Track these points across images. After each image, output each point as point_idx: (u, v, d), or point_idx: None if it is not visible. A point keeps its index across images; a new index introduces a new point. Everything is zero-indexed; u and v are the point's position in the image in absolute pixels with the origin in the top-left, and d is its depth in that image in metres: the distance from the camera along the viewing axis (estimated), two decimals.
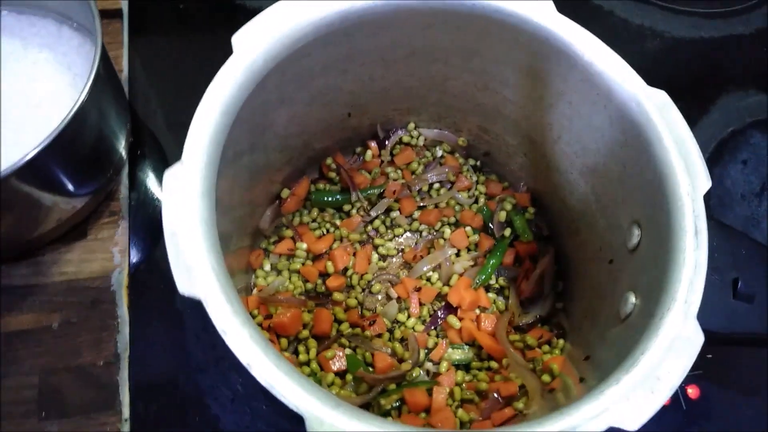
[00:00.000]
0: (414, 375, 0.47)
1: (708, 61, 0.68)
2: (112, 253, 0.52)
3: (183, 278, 0.30)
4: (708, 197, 0.60)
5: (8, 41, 0.54)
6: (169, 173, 0.32)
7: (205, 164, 0.33)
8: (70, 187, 0.49)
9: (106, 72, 0.48)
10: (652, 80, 0.65)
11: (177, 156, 0.33)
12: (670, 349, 0.32)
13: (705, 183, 0.37)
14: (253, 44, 0.37)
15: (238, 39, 0.37)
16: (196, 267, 0.31)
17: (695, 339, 0.33)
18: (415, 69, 0.47)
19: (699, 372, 0.52)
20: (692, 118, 0.64)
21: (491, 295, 0.52)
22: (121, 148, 0.54)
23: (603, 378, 0.33)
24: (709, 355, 0.53)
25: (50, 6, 0.54)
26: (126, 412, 0.47)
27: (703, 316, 0.36)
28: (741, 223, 0.60)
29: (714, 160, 0.63)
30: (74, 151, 0.47)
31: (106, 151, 0.51)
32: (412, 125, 0.55)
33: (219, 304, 0.30)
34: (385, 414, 0.45)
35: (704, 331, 0.35)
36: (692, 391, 0.51)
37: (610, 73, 0.40)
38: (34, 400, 0.47)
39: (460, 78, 0.48)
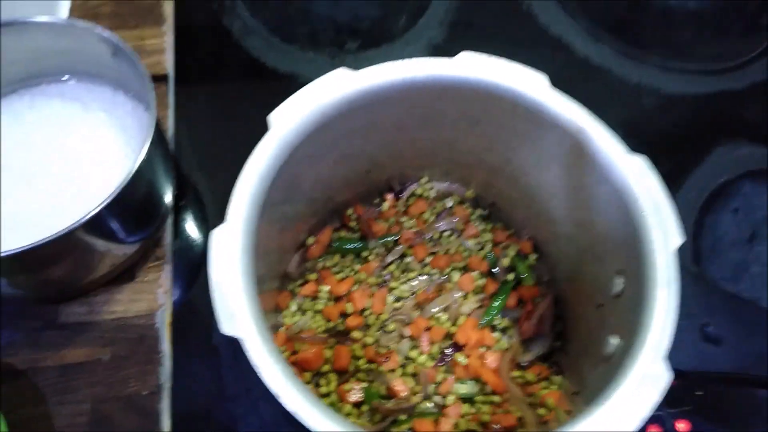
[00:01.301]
0: (423, 407, 0.52)
1: (702, 116, 0.73)
2: (156, 294, 0.59)
3: (226, 321, 0.36)
4: (700, 244, 0.65)
5: (70, 105, 0.61)
6: (216, 232, 0.39)
7: (245, 223, 0.40)
8: (123, 236, 0.56)
9: (157, 137, 0.55)
10: (648, 135, 0.71)
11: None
12: (641, 386, 0.37)
13: (677, 239, 0.42)
14: (286, 121, 0.43)
15: (274, 116, 0.44)
16: (237, 312, 0.37)
17: (664, 377, 0.38)
18: (426, 133, 0.53)
19: (688, 408, 0.56)
20: (687, 170, 0.69)
21: (496, 334, 0.57)
22: (167, 200, 0.61)
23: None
24: (700, 393, 0.57)
25: (106, 74, 0.61)
26: None
27: (674, 357, 0.41)
28: (731, 268, 0.64)
29: (706, 208, 0.67)
30: (129, 206, 0.53)
31: (154, 205, 0.58)
32: (424, 179, 0.61)
33: (255, 343, 0.36)
34: None
35: (675, 370, 0.40)
36: (683, 426, 0.55)
37: (596, 141, 0.45)
38: (86, 424, 0.53)
39: (466, 141, 0.54)
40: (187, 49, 0.72)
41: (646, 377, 0.38)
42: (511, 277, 0.59)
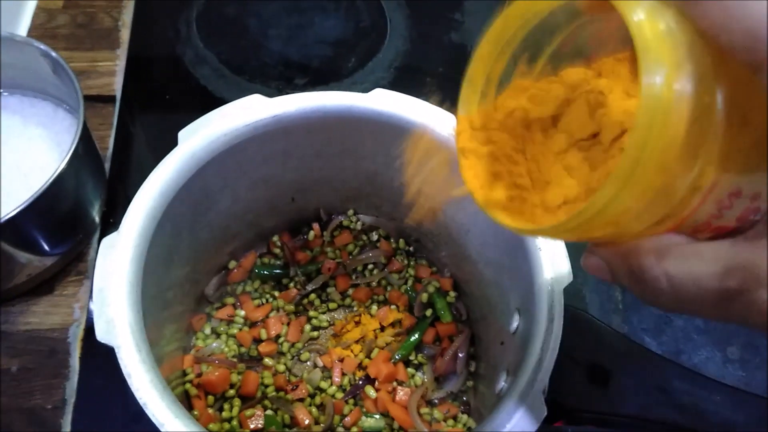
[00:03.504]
0: None
1: None
2: (73, 308, 0.59)
3: (102, 327, 0.37)
4: (623, 295, 0.66)
5: (10, 118, 0.63)
6: (106, 239, 0.39)
7: (138, 235, 0.40)
8: (44, 246, 0.56)
9: (85, 148, 0.56)
10: None
11: None
12: (515, 420, 0.37)
13: (566, 278, 0.43)
14: (195, 139, 0.44)
15: (184, 134, 0.45)
16: (115, 319, 0.37)
17: (539, 412, 0.38)
18: (347, 164, 0.55)
19: None
20: None
21: (410, 370, 0.57)
22: (95, 214, 0.61)
23: None
24: None
25: (49, 90, 0.63)
26: None
27: (559, 395, 0.41)
28: (653, 320, 0.65)
29: None
30: (50, 214, 0.54)
31: (79, 217, 0.59)
32: (351, 211, 0.62)
33: (129, 352, 0.36)
34: None
35: (557, 406, 0.41)
36: None
37: None
38: None
39: (386, 174, 0.55)
40: (138, 74, 0.74)
41: (523, 412, 0.38)
42: (429, 313, 0.59)
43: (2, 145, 0.60)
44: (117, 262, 0.39)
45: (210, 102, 0.73)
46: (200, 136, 0.44)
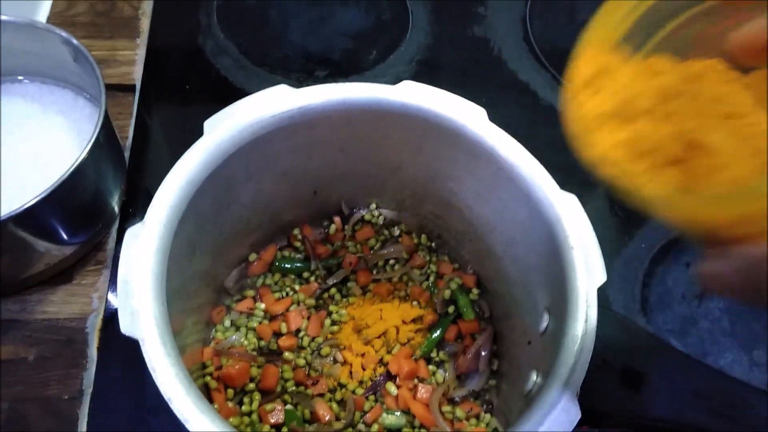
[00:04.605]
0: None
1: None
2: (91, 298, 0.58)
3: (127, 320, 0.36)
4: (649, 294, 0.65)
5: (30, 105, 0.62)
6: (131, 230, 0.39)
7: (163, 226, 0.40)
8: (63, 235, 0.55)
9: (106, 138, 0.55)
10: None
11: None
12: (548, 422, 0.36)
13: (600, 278, 0.42)
14: (221, 129, 0.44)
15: (210, 124, 0.44)
16: (140, 312, 0.36)
17: (572, 415, 0.37)
18: (371, 158, 0.54)
19: None
20: (640, 219, 0.70)
21: (432, 367, 0.56)
22: (114, 204, 0.60)
23: None
24: None
25: (69, 78, 0.62)
26: None
27: (590, 398, 0.40)
28: (678, 321, 0.64)
29: (658, 260, 0.67)
30: (69, 203, 0.53)
31: (99, 207, 0.58)
32: (373, 205, 0.61)
33: (154, 345, 0.36)
34: None
35: (589, 410, 0.40)
36: None
37: (529, 176, 0.46)
38: (2, 423, 0.51)
39: (411, 169, 0.54)
40: (158, 63, 0.73)
41: (555, 415, 0.37)
42: (451, 310, 0.58)
43: (21, 132, 0.60)
44: (141, 253, 0.38)
45: (230, 93, 0.72)
46: (226, 126, 0.43)
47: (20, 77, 0.64)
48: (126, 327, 0.36)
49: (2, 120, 0.60)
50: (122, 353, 0.55)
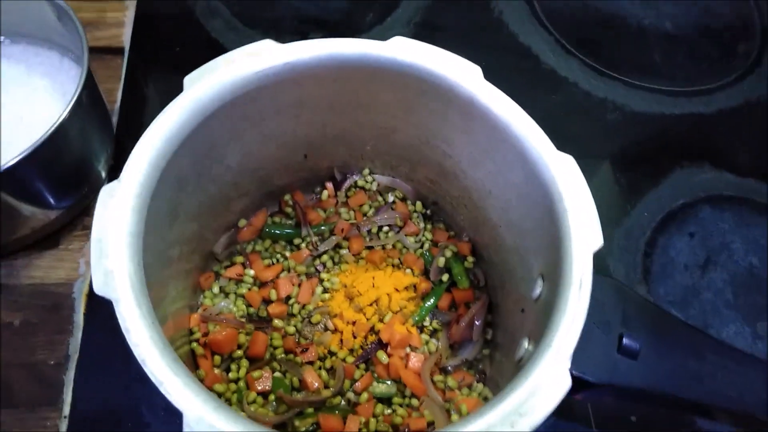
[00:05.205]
0: (334, 402, 0.49)
1: (666, 136, 0.72)
2: (78, 263, 0.57)
3: (100, 280, 0.35)
4: (651, 264, 0.63)
5: (14, 67, 0.60)
6: (106, 188, 0.37)
7: (140, 184, 0.38)
8: (48, 198, 0.54)
9: (90, 98, 0.54)
10: (609, 150, 0.70)
11: None
12: (537, 390, 0.35)
13: (596, 242, 0.40)
14: (202, 85, 0.42)
15: (190, 79, 0.42)
16: (114, 271, 0.35)
17: (562, 383, 0.35)
18: (363, 119, 0.52)
19: None
20: (645, 187, 0.68)
21: (424, 336, 0.55)
22: (101, 168, 0.59)
23: None
24: (633, 418, 0.55)
25: (54, 39, 0.60)
26: (66, 410, 0.50)
27: (585, 366, 0.39)
28: (680, 292, 0.62)
29: (661, 229, 0.65)
30: (53, 165, 0.52)
31: (84, 170, 0.57)
32: (366, 171, 0.59)
33: (129, 306, 0.34)
34: None
35: (582, 380, 0.38)
36: None
37: (524, 136, 0.43)
38: None
39: (405, 131, 0.52)
40: (147, 26, 0.71)
41: (545, 383, 0.35)
42: (445, 278, 0.57)
43: (5, 94, 0.58)
44: (117, 212, 0.37)
45: (221, 54, 0.70)
46: (206, 84, 0.42)
47: (4, 38, 0.62)
48: (99, 287, 0.34)
49: None
50: (109, 319, 0.54)
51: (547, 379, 0.36)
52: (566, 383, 0.36)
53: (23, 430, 0.49)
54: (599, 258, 0.40)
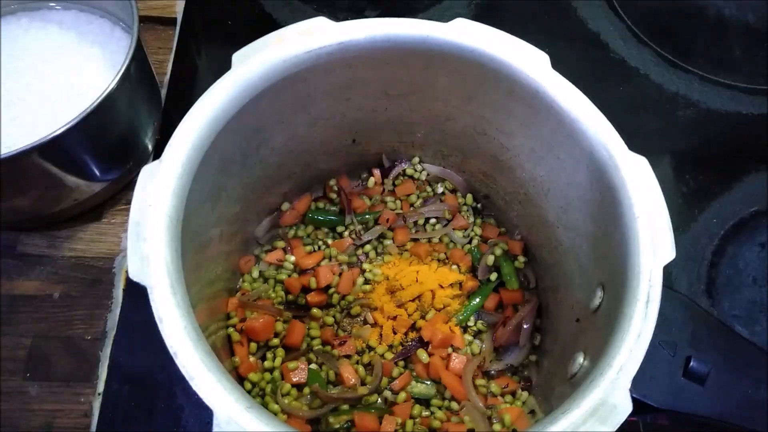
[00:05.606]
0: (370, 400, 0.47)
1: (741, 137, 0.66)
2: (120, 238, 0.56)
3: (136, 265, 0.33)
4: (716, 275, 0.59)
5: (65, 34, 0.59)
6: (146, 168, 0.35)
7: (182, 166, 0.36)
8: (92, 170, 0.53)
9: (139, 69, 0.52)
10: (679, 149, 0.65)
11: None
12: (594, 414, 0.32)
13: (668, 254, 0.36)
14: (251, 63, 0.40)
15: (239, 56, 0.40)
16: (151, 257, 0.33)
17: (622, 408, 0.32)
18: (416, 105, 0.49)
19: None
20: (715, 192, 0.63)
21: (468, 336, 0.52)
22: (147, 142, 0.58)
23: None
24: None
25: (106, 7, 0.59)
26: (101, 387, 0.50)
27: (647, 389, 0.35)
28: (746, 306, 0.58)
29: (730, 237, 0.61)
30: (98, 136, 0.51)
31: (130, 143, 0.56)
32: (416, 159, 0.56)
33: (163, 294, 0.33)
34: None
35: (644, 404, 0.35)
36: None
37: (593, 133, 0.40)
38: (23, 360, 0.51)
39: (460, 120, 0.49)
40: None
41: (603, 406, 0.33)
42: (494, 277, 0.54)
43: (56, 62, 0.57)
44: (157, 194, 0.35)
45: (273, 30, 0.67)
46: (256, 62, 0.39)
47: (56, 5, 0.61)
48: (135, 272, 0.33)
49: (38, 48, 0.58)
50: (147, 297, 0.53)
51: (606, 402, 0.33)
52: (627, 408, 0.33)
53: (56, 406, 0.49)
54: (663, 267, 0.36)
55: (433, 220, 0.56)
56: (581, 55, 0.70)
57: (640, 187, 0.38)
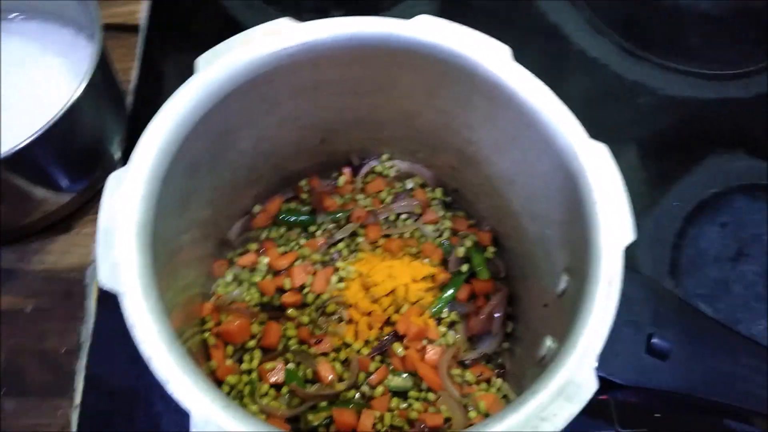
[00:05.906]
0: (348, 396, 0.48)
1: (699, 121, 0.69)
2: (91, 249, 0.56)
3: (107, 272, 0.33)
4: (680, 255, 0.61)
5: (29, 45, 0.59)
6: (113, 176, 0.36)
7: (150, 171, 0.36)
8: (60, 181, 0.53)
9: (103, 78, 0.52)
10: (639, 135, 0.67)
11: None
12: (561, 393, 0.33)
13: (628, 236, 0.38)
14: (216, 66, 0.40)
15: (203, 60, 0.40)
16: (121, 263, 0.34)
17: (588, 386, 0.34)
18: (383, 103, 0.50)
19: (644, 430, 0.52)
20: (676, 175, 0.65)
21: (442, 328, 0.53)
22: (114, 151, 0.58)
23: None
24: (657, 415, 0.53)
25: (69, 16, 0.59)
26: (77, 399, 0.50)
27: (612, 367, 0.37)
28: (710, 285, 0.60)
29: (691, 219, 0.63)
30: (64, 147, 0.51)
31: (97, 153, 0.55)
32: (385, 156, 0.57)
33: (135, 300, 0.33)
34: (312, 430, 0.46)
35: (610, 382, 0.36)
36: None
37: (553, 122, 0.41)
38: None
39: (426, 116, 0.50)
40: (164, 3, 0.69)
41: (570, 385, 0.34)
42: (464, 268, 0.55)
43: (20, 73, 0.57)
44: (125, 200, 0.35)
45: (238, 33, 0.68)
46: (221, 64, 0.40)
47: (18, 15, 0.60)
48: (105, 279, 0.33)
49: (1, 60, 0.57)
50: (121, 306, 0.53)
51: (572, 381, 0.34)
52: (592, 386, 0.34)
53: (34, 420, 0.48)
54: (626, 250, 0.38)
55: (404, 216, 0.57)
56: (543, 47, 0.71)
57: (600, 173, 0.39)
